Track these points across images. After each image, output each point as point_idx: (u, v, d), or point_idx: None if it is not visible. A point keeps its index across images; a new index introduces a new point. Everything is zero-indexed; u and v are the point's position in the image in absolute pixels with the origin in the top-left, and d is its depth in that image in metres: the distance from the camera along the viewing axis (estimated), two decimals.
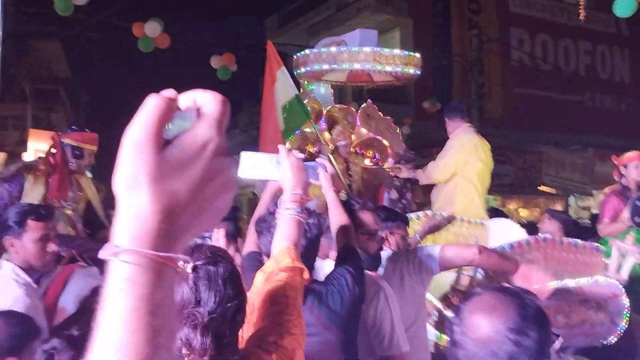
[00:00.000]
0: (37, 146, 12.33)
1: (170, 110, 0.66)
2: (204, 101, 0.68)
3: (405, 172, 5.28)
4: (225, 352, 1.45)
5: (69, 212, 3.99)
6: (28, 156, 12.49)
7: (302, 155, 1.98)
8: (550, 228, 5.21)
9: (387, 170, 5.53)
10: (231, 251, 2.29)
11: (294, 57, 5.52)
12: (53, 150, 4.14)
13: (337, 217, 2.58)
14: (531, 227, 5.63)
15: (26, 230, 2.78)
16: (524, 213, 14.61)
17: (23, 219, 2.80)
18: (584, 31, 17.52)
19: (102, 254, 0.64)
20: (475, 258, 3.02)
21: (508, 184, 14.69)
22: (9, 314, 2.33)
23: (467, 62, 16.48)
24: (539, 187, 15.44)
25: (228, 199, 0.69)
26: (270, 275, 1.74)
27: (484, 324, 1.38)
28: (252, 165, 1.74)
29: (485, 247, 3.19)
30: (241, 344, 1.55)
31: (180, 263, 0.71)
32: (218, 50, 10.34)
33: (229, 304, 1.46)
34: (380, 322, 2.61)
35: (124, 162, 0.64)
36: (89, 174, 4.59)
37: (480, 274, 3.48)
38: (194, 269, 1.45)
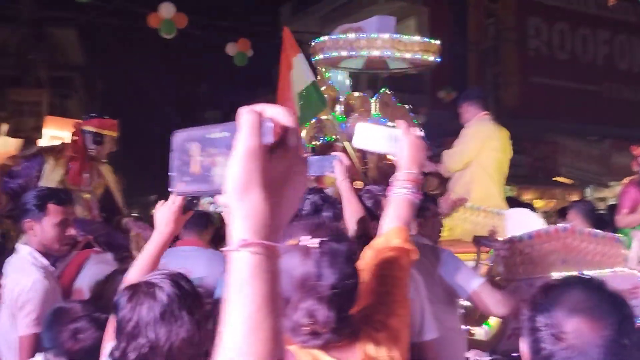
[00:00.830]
0: (52, 133, 12.41)
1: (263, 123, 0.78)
2: (278, 115, 0.81)
3: (428, 167, 5.26)
4: (342, 327, 1.50)
5: (86, 196, 4.01)
6: (43, 143, 12.57)
7: (422, 133, 1.94)
8: (574, 222, 5.12)
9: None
10: None
11: (312, 43, 5.47)
12: (74, 138, 4.19)
13: (352, 207, 2.61)
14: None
15: (46, 213, 2.80)
16: (539, 204, 14.47)
17: (44, 202, 2.81)
18: (603, 20, 17.28)
19: (231, 247, 0.76)
20: (504, 316, 2.95)
21: (523, 175, 14.57)
22: None
23: (483, 51, 16.32)
24: (554, 178, 15.30)
25: (302, 195, 0.82)
26: (379, 253, 1.74)
27: (585, 330, 1.30)
28: (367, 137, 1.72)
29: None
30: None
31: (306, 239, 1.08)
32: (231, 36, 10.31)
33: (348, 281, 1.52)
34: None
35: (239, 169, 0.75)
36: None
37: (498, 262, 3.44)
38: (319, 245, 1.50)
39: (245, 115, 0.78)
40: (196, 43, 12.60)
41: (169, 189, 0.88)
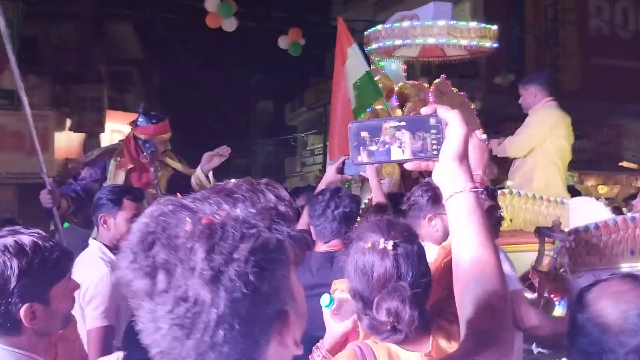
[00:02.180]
0: (113, 126, 12.79)
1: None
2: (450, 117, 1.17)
3: (494, 147, 5.15)
4: (422, 321, 1.62)
5: (152, 191, 4.09)
6: (105, 136, 12.97)
7: (485, 137, 2.02)
8: None
9: None
10: None
11: (365, 33, 5.41)
12: (128, 145, 4.21)
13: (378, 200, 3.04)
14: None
15: (122, 208, 2.89)
16: (603, 190, 14.02)
17: (120, 197, 2.90)
18: None
19: (461, 190, 1.17)
20: (529, 328, 2.87)
21: (585, 160, 14.11)
22: None
23: (541, 33, 15.81)
24: (619, 163, 14.75)
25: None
26: (449, 251, 1.82)
27: (612, 311, 1.30)
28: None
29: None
30: None
31: (382, 241, 1.60)
32: (283, 26, 10.34)
33: (423, 279, 1.65)
34: None
35: (461, 145, 1.16)
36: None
37: (563, 254, 3.35)
38: (395, 246, 1.62)
39: (451, 112, 1.15)
40: (248, 34, 12.69)
41: (353, 162, 1.20)
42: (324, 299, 1.85)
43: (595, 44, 15.80)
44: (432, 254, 1.88)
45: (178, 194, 0.89)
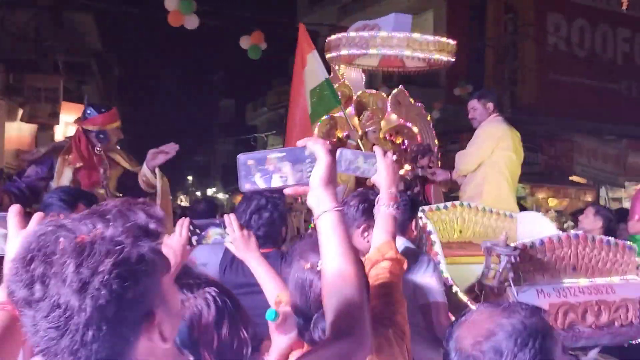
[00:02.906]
0: (68, 119, 12.49)
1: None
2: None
3: (441, 176, 5.27)
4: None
5: (101, 191, 4.00)
6: (59, 129, 12.66)
7: (395, 157, 2.13)
8: (592, 225, 5.09)
9: (423, 175, 5.47)
10: None
11: (326, 40, 5.44)
12: (77, 141, 4.10)
13: None
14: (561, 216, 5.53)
15: (75, 212, 2.80)
16: (553, 202, 14.39)
17: (74, 201, 2.81)
18: (623, 18, 17.03)
19: (321, 210, 1.31)
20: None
21: (538, 173, 14.46)
22: None
23: (501, 47, 16.15)
24: (569, 177, 15.16)
25: None
26: (376, 263, 1.94)
27: (467, 338, 1.36)
28: (348, 162, 1.85)
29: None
30: None
31: (320, 262, 1.48)
32: (248, 25, 10.28)
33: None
34: None
35: (326, 172, 1.30)
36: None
37: (508, 268, 3.42)
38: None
39: (317, 144, 1.30)
40: (212, 32, 12.59)
41: (240, 189, 1.34)
42: (269, 314, 1.86)
43: (552, 61, 16.22)
44: None
45: (124, 193, 1.00)
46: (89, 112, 4.17)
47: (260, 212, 2.92)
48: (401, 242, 3.16)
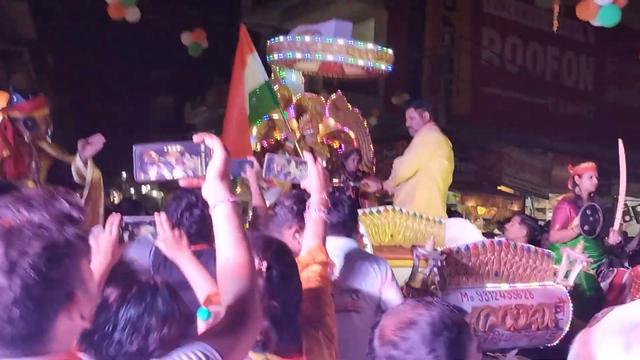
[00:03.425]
0: None
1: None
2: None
3: (373, 186, 5.36)
4: (288, 337, 1.71)
5: (30, 184, 3.89)
6: None
7: (324, 164, 2.13)
8: (517, 233, 5.32)
9: (353, 185, 5.59)
10: None
11: (268, 42, 5.49)
12: (3, 129, 3.96)
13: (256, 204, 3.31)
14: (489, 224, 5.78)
15: None
16: (481, 211, 14.91)
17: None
18: (553, 37, 17.82)
19: (216, 201, 1.42)
20: None
21: (469, 182, 14.94)
22: None
23: (437, 58, 16.60)
24: (498, 187, 15.74)
25: None
26: (307, 266, 1.98)
27: (390, 326, 1.44)
28: (277, 167, 1.94)
29: None
30: None
31: (256, 262, 1.62)
32: (190, 22, 10.16)
33: (294, 297, 1.74)
34: None
35: (222, 165, 1.41)
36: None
37: (435, 272, 3.56)
38: (268, 268, 1.71)
39: (214, 140, 1.41)
40: (154, 27, 12.38)
41: (136, 179, 1.40)
42: (201, 313, 1.86)
43: (486, 74, 16.80)
44: None
45: (55, 185, 1.05)
46: (15, 98, 4.04)
47: (192, 210, 2.92)
48: (349, 244, 3.24)
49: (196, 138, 1.43)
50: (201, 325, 1.92)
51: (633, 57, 17.56)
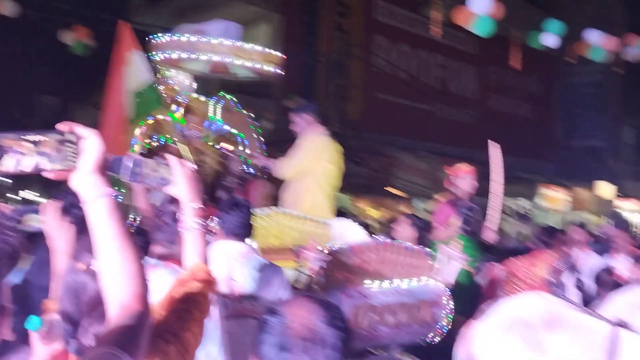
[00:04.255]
0: None
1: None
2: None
3: (259, 161, 5.37)
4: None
5: None
6: None
7: (195, 167, 1.98)
8: (406, 233, 5.48)
9: (239, 155, 5.57)
10: None
11: (152, 40, 5.32)
12: None
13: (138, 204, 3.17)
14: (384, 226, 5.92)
15: None
16: (372, 212, 15.30)
17: None
18: (439, 45, 18.64)
19: (94, 196, 1.31)
20: None
21: (360, 184, 15.29)
22: None
23: (330, 63, 16.85)
24: (388, 189, 16.23)
25: None
26: (183, 282, 1.80)
27: (302, 318, 1.44)
28: (139, 171, 1.71)
29: None
30: None
31: (94, 262, 1.47)
32: (74, 20, 9.69)
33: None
34: None
35: (97, 159, 1.32)
36: None
37: (317, 272, 3.61)
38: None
39: (88, 130, 1.34)
40: (36, 23, 11.70)
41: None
42: (31, 322, 1.70)
43: (378, 80, 17.26)
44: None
45: None
46: None
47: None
48: (247, 249, 3.21)
49: (62, 127, 1.30)
50: (34, 337, 1.76)
51: (511, 67, 18.77)
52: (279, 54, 5.27)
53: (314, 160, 4.93)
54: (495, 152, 5.65)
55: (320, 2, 17.22)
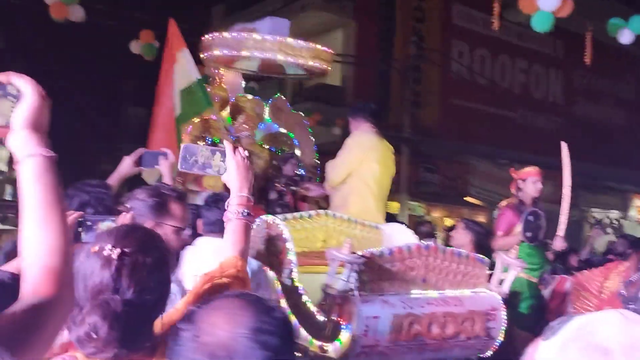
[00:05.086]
0: None
1: None
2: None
3: (314, 192, 5.20)
4: (138, 341, 1.46)
5: None
6: None
7: (246, 154, 1.90)
8: (462, 239, 5.13)
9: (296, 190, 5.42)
10: None
11: (202, 39, 5.26)
12: None
13: None
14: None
15: None
16: (448, 222, 14.76)
17: None
18: (521, 49, 17.89)
19: (24, 155, 1.15)
20: None
21: (434, 192, 14.82)
22: None
23: (406, 69, 16.52)
24: (464, 198, 15.64)
25: None
26: (212, 278, 1.72)
27: (218, 329, 1.16)
28: (193, 159, 1.72)
29: None
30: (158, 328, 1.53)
31: (108, 247, 1.46)
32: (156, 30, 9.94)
33: (148, 296, 1.46)
34: None
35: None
36: None
37: (354, 277, 3.33)
38: (121, 255, 1.44)
39: (25, 80, 1.19)
40: (106, 34, 12.13)
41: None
42: None
43: (455, 86, 16.76)
44: None
45: None
46: None
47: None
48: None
49: (1, 78, 1.18)
50: None
51: (601, 71, 17.72)
52: (328, 50, 5.06)
53: (360, 160, 4.65)
54: (565, 154, 5.19)
55: (397, 8, 16.96)
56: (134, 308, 1.45)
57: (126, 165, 3.35)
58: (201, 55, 5.17)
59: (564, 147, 5.26)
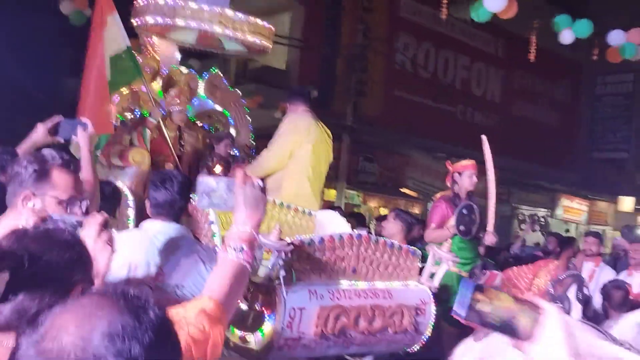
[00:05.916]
0: None
1: None
2: None
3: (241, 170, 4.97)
4: None
5: None
6: None
7: (261, 184, 1.71)
8: (392, 229, 5.04)
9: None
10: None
11: (134, 4, 4.90)
12: None
13: (85, 177, 2.51)
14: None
15: None
16: (383, 212, 14.79)
17: None
18: (464, 46, 18.08)
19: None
20: None
21: (372, 182, 14.80)
22: None
23: (351, 57, 16.38)
24: (400, 189, 15.71)
25: None
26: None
27: (65, 333, 0.90)
28: (207, 193, 1.63)
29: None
30: None
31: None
32: None
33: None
34: None
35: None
36: None
37: (280, 265, 3.15)
38: None
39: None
40: None
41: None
42: None
43: (398, 77, 16.76)
44: None
45: None
46: None
47: None
48: (176, 230, 2.81)
49: None
50: None
51: (538, 74, 18.12)
52: (269, 26, 4.83)
53: (302, 140, 4.43)
54: (487, 149, 5.15)
55: None
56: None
57: (40, 133, 3.02)
58: (133, 21, 4.82)
59: (485, 140, 5.23)
